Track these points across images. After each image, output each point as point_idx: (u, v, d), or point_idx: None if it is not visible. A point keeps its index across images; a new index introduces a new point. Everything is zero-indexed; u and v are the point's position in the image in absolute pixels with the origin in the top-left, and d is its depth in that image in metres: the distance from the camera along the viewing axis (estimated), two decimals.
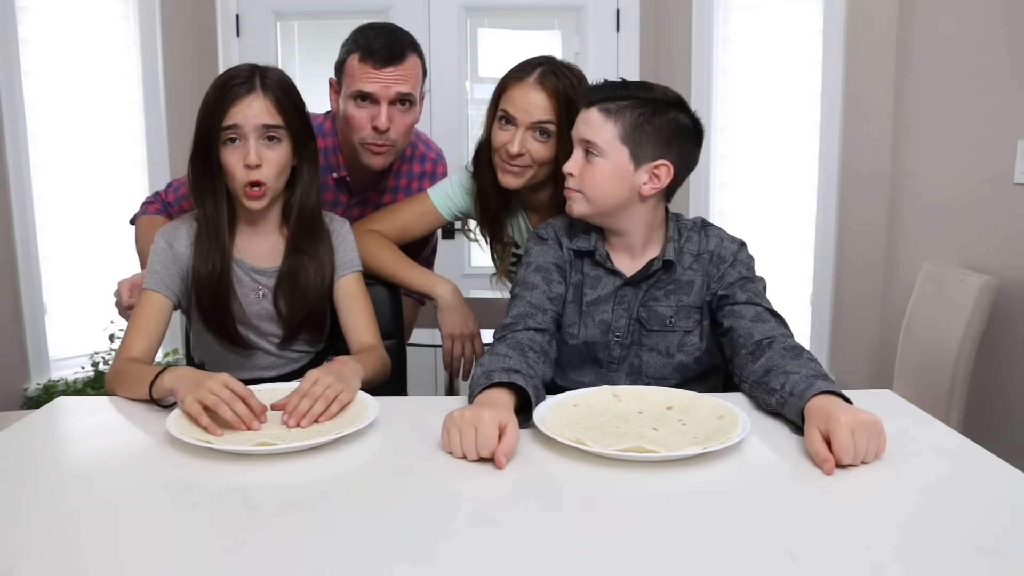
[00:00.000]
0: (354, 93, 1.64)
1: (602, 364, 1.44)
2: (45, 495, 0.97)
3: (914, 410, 1.26)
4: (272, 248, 1.50)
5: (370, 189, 1.83)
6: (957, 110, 2.40)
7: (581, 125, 1.37)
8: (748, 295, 1.38)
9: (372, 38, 1.62)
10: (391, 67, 1.61)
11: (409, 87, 1.64)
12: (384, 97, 1.62)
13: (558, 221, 1.49)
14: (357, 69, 1.62)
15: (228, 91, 1.36)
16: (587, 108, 1.37)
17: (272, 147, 1.39)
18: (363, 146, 1.68)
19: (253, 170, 1.37)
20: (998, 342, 2.16)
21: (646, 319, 1.42)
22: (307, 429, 1.15)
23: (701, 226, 1.46)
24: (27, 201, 2.76)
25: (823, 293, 2.93)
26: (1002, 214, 2.20)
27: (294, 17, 3.28)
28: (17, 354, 2.79)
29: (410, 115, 1.69)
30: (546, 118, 1.53)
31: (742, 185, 3.08)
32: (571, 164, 1.37)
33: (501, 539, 0.85)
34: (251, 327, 1.50)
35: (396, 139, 1.68)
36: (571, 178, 1.38)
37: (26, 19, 2.73)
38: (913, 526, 0.87)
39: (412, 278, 1.69)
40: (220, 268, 1.44)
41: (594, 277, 1.44)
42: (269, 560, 0.81)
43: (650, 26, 3.18)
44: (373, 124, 1.64)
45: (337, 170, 1.78)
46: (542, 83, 1.53)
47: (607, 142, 1.35)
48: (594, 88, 1.40)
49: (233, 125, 1.36)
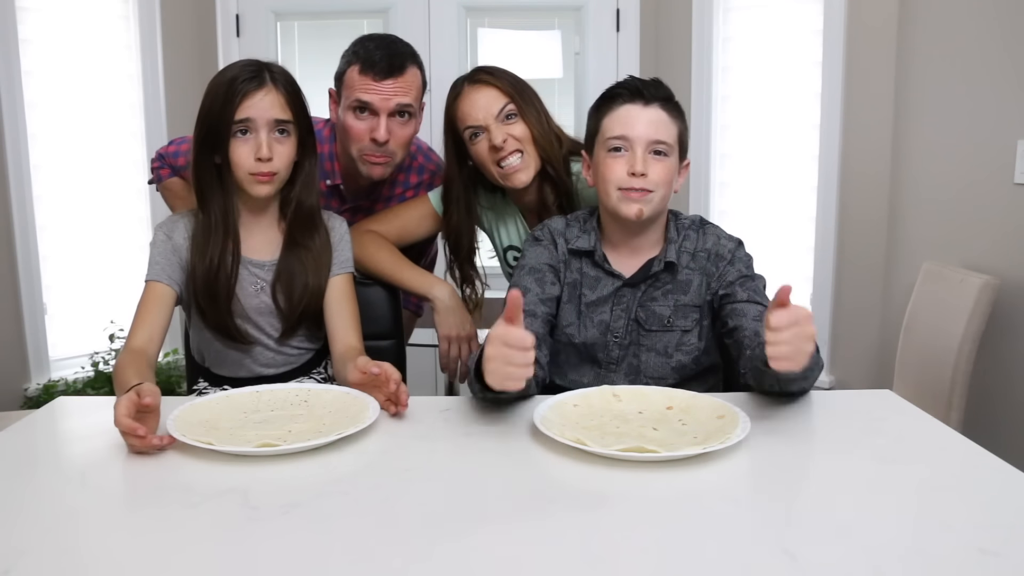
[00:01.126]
0: (353, 104, 1.63)
1: (601, 364, 1.44)
2: (45, 495, 0.97)
3: (914, 410, 1.26)
4: (270, 241, 1.50)
5: (362, 198, 1.83)
6: (957, 110, 2.40)
7: (644, 125, 1.34)
8: (749, 293, 1.37)
9: (372, 49, 1.62)
10: (391, 79, 1.61)
11: (409, 99, 1.64)
12: (383, 109, 1.62)
13: (555, 222, 1.49)
14: (357, 81, 1.62)
15: (239, 85, 1.37)
16: (646, 106, 1.35)
17: (282, 140, 1.40)
18: (362, 157, 1.68)
19: (264, 163, 1.38)
20: (998, 342, 2.16)
21: (644, 319, 1.41)
22: (307, 430, 1.15)
23: (699, 225, 1.45)
24: (27, 201, 2.75)
25: (823, 293, 2.93)
26: (1002, 214, 2.20)
27: (294, 17, 3.28)
28: (17, 354, 2.79)
29: (409, 127, 1.69)
30: (502, 104, 1.57)
31: (742, 185, 3.08)
32: (640, 164, 1.33)
33: (501, 539, 0.85)
34: (250, 322, 1.50)
35: (395, 151, 1.67)
36: (641, 179, 1.33)
37: (26, 19, 2.73)
38: (913, 526, 0.87)
39: (409, 279, 1.69)
40: (221, 263, 1.43)
41: (593, 278, 1.43)
42: (269, 560, 0.81)
43: (650, 26, 3.18)
44: (372, 136, 1.64)
45: (332, 177, 1.78)
46: (478, 83, 1.58)
47: (674, 140, 1.36)
48: (643, 84, 1.37)
49: (246, 119, 1.37)
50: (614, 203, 1.36)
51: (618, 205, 1.35)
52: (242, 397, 1.29)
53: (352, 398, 1.26)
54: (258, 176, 1.39)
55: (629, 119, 1.35)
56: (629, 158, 1.34)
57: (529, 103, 1.59)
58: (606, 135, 1.37)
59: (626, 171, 1.34)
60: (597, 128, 1.40)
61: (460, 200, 1.67)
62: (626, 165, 1.34)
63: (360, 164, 1.69)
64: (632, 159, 1.34)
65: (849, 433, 1.15)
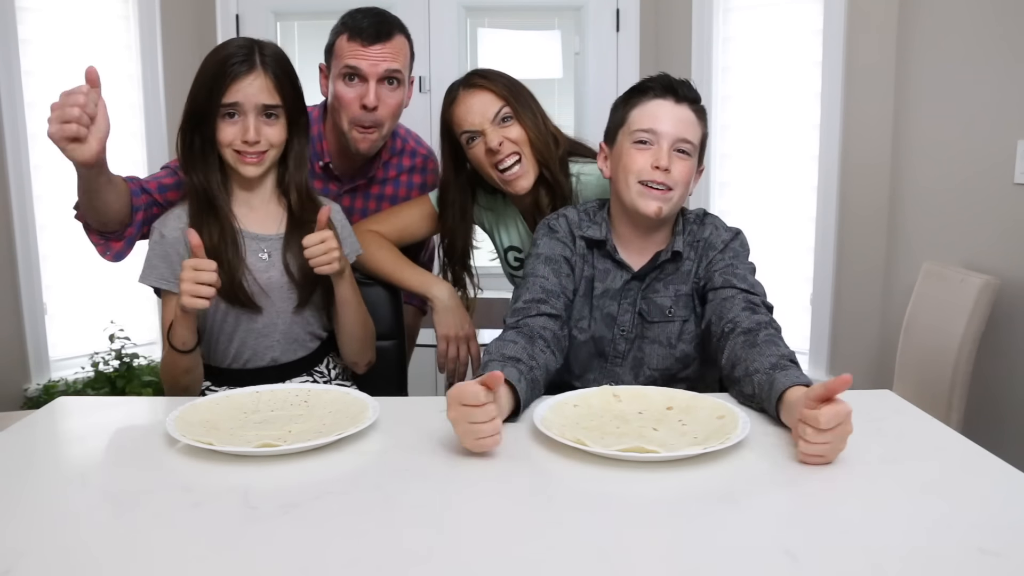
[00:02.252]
0: (343, 71, 1.65)
1: (607, 359, 1.45)
2: (45, 495, 0.97)
3: (914, 410, 1.26)
4: (272, 215, 1.50)
5: (358, 178, 1.83)
6: (957, 110, 2.40)
7: (672, 122, 1.34)
8: (724, 278, 1.37)
9: (360, 18, 1.65)
10: (379, 44, 1.64)
11: (398, 64, 1.66)
12: (372, 74, 1.64)
13: (572, 212, 1.48)
14: (345, 48, 1.64)
15: (228, 68, 1.38)
16: (677, 103, 1.36)
17: (270, 123, 1.41)
18: (351, 126, 1.68)
19: (251, 145, 1.40)
20: (998, 342, 2.16)
21: (647, 311, 1.42)
22: (307, 430, 1.15)
23: (701, 217, 1.47)
24: (27, 201, 2.75)
25: (823, 293, 2.93)
26: (1002, 214, 2.20)
27: (294, 17, 3.28)
28: (17, 354, 2.78)
29: (398, 94, 1.70)
30: (498, 107, 1.57)
31: (742, 185, 3.08)
32: (665, 159, 1.33)
33: (501, 539, 0.85)
34: (264, 296, 1.48)
35: (384, 119, 1.69)
36: (664, 173, 1.34)
37: (26, 19, 2.73)
38: (913, 526, 0.87)
39: (409, 279, 1.69)
40: (221, 234, 1.43)
41: (603, 271, 1.44)
42: (268, 560, 0.81)
43: (650, 26, 3.18)
44: (362, 102, 1.65)
45: (322, 157, 1.79)
46: (473, 87, 1.59)
47: (697, 142, 1.37)
48: (676, 82, 1.38)
49: (233, 103, 1.38)
50: (633, 196, 1.36)
51: (637, 200, 1.35)
52: (242, 397, 1.29)
53: (352, 398, 1.26)
54: (245, 156, 1.41)
55: (659, 114, 1.35)
56: (655, 151, 1.34)
57: (525, 105, 1.59)
58: (633, 127, 1.37)
59: (650, 164, 1.34)
60: (624, 120, 1.40)
61: (455, 204, 1.68)
62: (651, 158, 1.34)
63: (349, 137, 1.70)
64: (658, 153, 1.34)
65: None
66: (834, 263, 2.90)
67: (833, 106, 2.81)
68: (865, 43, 2.74)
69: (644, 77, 1.43)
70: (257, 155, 1.41)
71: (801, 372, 1.16)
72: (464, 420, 1.03)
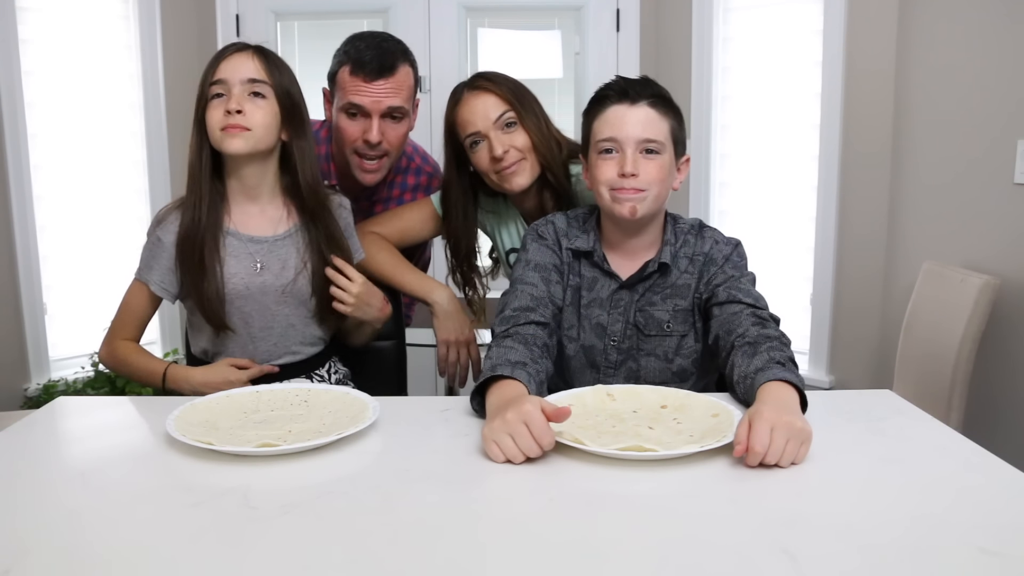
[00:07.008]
0: (345, 106, 1.64)
1: (599, 369, 1.44)
2: (45, 495, 0.97)
3: (914, 410, 1.26)
4: (272, 218, 1.49)
5: (362, 199, 1.83)
6: (957, 110, 2.40)
7: (631, 125, 1.34)
8: (729, 293, 1.36)
9: (363, 49, 1.62)
10: (382, 80, 1.62)
11: (400, 100, 1.65)
12: (375, 111, 1.63)
13: (559, 219, 1.48)
14: (348, 82, 1.62)
15: (220, 53, 1.41)
16: (633, 105, 1.34)
17: (256, 102, 1.39)
18: (355, 158, 1.68)
19: (233, 115, 1.36)
20: (998, 342, 2.16)
21: (643, 324, 1.41)
22: (307, 430, 1.15)
23: (698, 229, 1.45)
24: (27, 201, 2.75)
25: (823, 293, 2.93)
26: (1002, 214, 2.20)
27: (294, 17, 3.28)
28: (17, 354, 2.79)
29: (402, 126, 1.69)
30: (502, 111, 1.56)
31: (742, 185, 3.08)
32: (631, 165, 1.32)
33: (500, 539, 0.85)
34: (248, 301, 1.47)
35: (389, 151, 1.68)
36: (632, 179, 1.33)
37: (26, 19, 2.73)
38: (913, 526, 0.87)
39: (409, 282, 1.69)
40: (200, 231, 1.42)
41: (591, 279, 1.43)
42: (268, 560, 0.81)
43: (650, 26, 3.19)
44: (365, 137, 1.64)
45: (328, 178, 1.78)
46: (477, 89, 1.57)
47: (665, 138, 1.35)
48: (630, 84, 1.37)
49: (219, 80, 1.38)
50: (608, 204, 1.36)
51: (612, 206, 1.35)
52: (242, 397, 1.29)
53: (352, 398, 1.26)
54: (228, 128, 1.36)
55: (617, 120, 1.34)
56: (620, 159, 1.34)
57: (529, 109, 1.58)
58: (596, 137, 1.37)
59: (616, 172, 1.33)
60: (588, 131, 1.40)
61: (458, 204, 1.68)
62: (616, 166, 1.33)
63: (354, 167, 1.69)
64: (623, 160, 1.33)
65: (849, 433, 1.15)
66: (834, 263, 2.90)
67: (833, 106, 2.81)
68: (865, 43, 2.74)
69: (600, 85, 1.42)
70: (240, 128, 1.36)
71: (789, 371, 1.15)
72: (514, 433, 1.02)
